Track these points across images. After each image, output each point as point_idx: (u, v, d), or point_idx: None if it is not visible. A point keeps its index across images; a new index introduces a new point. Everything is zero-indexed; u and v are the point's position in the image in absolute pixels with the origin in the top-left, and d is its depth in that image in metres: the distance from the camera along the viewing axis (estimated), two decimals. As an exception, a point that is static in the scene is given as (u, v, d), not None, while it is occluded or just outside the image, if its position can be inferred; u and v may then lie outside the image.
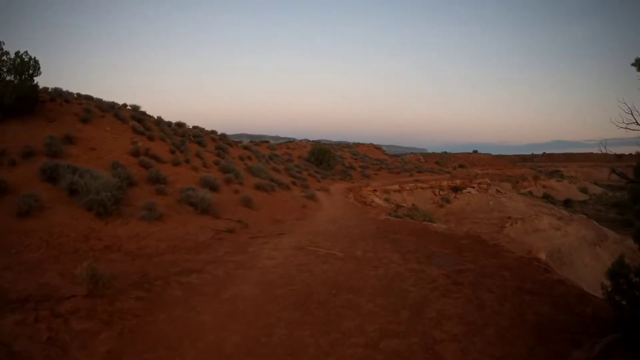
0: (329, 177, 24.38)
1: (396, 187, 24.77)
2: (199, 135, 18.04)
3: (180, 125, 19.01)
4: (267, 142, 39.95)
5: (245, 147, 23.02)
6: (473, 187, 29.08)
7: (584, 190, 64.78)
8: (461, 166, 54.15)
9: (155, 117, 17.44)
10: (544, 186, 59.33)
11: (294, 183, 17.50)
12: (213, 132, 22.38)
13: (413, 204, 24.96)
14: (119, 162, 9.44)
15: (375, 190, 22.82)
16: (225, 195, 10.86)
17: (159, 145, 13.06)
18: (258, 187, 13.22)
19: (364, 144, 44.41)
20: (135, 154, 11.01)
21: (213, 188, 10.44)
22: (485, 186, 30.77)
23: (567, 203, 43.39)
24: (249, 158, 19.37)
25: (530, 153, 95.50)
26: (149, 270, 5.01)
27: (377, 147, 44.70)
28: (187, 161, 12.75)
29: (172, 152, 13.07)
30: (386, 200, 22.46)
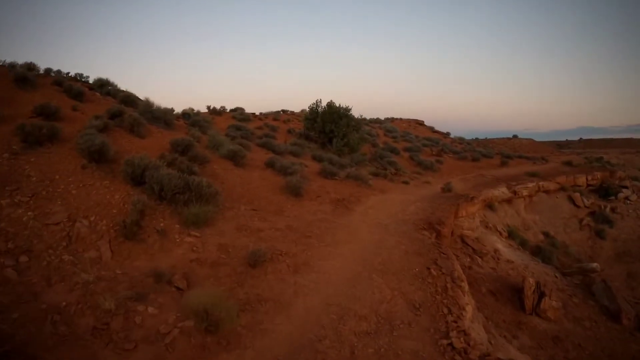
0: (346, 176, 10.09)
1: (503, 191, 10.52)
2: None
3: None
4: (241, 109, 25.53)
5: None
6: (626, 187, 14.74)
7: (635, 179, 54.19)
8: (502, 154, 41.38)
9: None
10: (595, 175, 47.46)
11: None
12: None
13: (545, 232, 10.79)
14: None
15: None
16: None
17: None
18: None
19: (401, 119, 29.32)
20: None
21: None
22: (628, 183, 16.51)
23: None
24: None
25: (564, 139, 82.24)
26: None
27: (421, 123, 29.54)
28: None
29: None
30: (510, 233, 8.38)
